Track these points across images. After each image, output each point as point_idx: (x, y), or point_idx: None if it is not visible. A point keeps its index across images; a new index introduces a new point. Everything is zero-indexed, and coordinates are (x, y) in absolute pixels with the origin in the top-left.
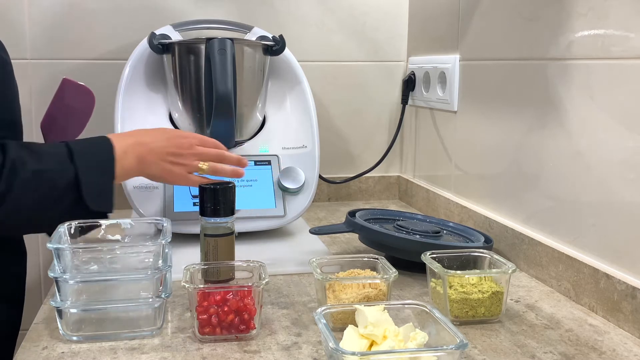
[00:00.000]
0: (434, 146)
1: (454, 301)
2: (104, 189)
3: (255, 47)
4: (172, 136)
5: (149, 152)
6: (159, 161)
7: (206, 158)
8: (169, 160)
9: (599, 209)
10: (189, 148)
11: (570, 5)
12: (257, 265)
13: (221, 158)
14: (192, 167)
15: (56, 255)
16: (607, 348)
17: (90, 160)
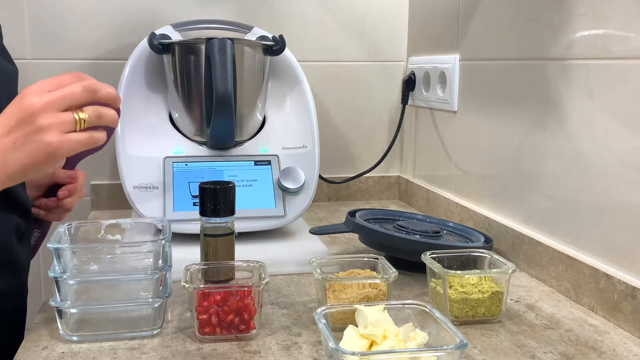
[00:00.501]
0: (434, 146)
1: (454, 301)
2: None
3: (255, 47)
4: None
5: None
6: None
7: (72, 102)
8: (23, 138)
9: (599, 209)
10: (40, 105)
11: (570, 5)
12: (257, 265)
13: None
14: (62, 126)
15: (56, 255)
16: (607, 348)
17: None
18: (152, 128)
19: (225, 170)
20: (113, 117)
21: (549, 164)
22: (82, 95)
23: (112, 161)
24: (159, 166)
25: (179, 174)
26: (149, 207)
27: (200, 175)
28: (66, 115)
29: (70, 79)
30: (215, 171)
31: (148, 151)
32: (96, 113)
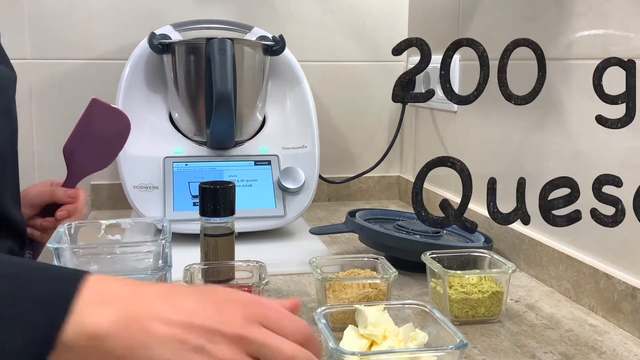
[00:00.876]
0: (434, 146)
1: (454, 301)
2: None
3: (255, 47)
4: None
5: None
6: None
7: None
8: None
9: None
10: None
11: (570, 5)
12: (257, 265)
13: None
14: None
15: (56, 255)
16: (607, 348)
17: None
18: (152, 128)
19: (225, 170)
20: None
21: (549, 164)
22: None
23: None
24: (159, 166)
25: (179, 174)
26: (149, 207)
27: (200, 175)
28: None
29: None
30: (215, 171)
31: (148, 151)
32: None
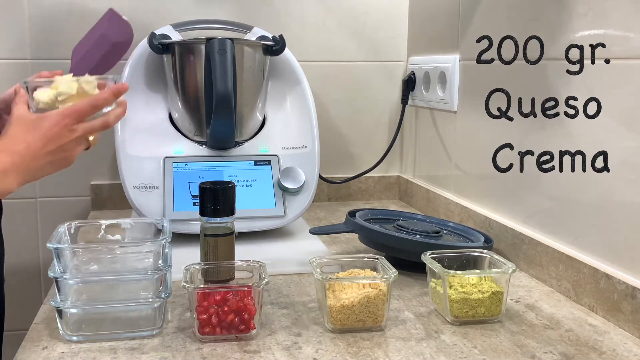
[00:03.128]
0: (434, 146)
1: (454, 301)
2: None
3: (255, 47)
4: (44, 130)
5: (23, 162)
6: (40, 166)
7: (92, 132)
8: (49, 157)
9: (599, 209)
10: (70, 134)
11: (570, 5)
12: (257, 265)
13: (104, 120)
14: (78, 151)
15: (56, 255)
16: (607, 348)
17: None
18: (152, 128)
19: (225, 170)
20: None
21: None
22: (98, 128)
23: (112, 161)
24: (159, 166)
25: (179, 174)
26: (149, 207)
27: (200, 175)
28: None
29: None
30: (215, 171)
31: (148, 151)
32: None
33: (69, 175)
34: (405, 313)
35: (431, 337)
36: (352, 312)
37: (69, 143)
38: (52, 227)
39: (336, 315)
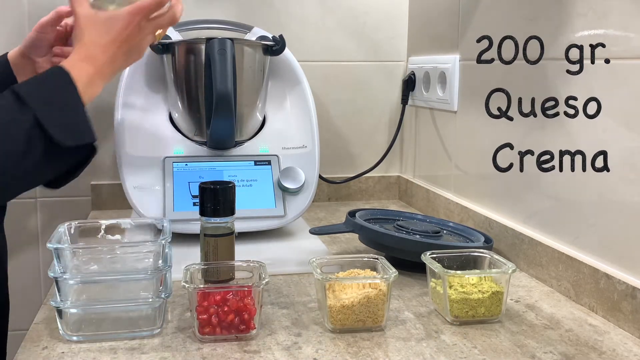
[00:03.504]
0: (434, 146)
1: (454, 301)
2: (76, 120)
3: (255, 47)
4: (117, 32)
5: (103, 66)
6: (118, 66)
7: (160, 28)
8: (124, 57)
9: (599, 209)
10: (140, 33)
11: (570, 5)
12: (257, 265)
13: (171, 16)
14: (147, 45)
15: (56, 255)
16: (607, 348)
17: (45, 95)
18: (152, 128)
19: (225, 170)
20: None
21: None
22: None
23: (112, 161)
24: (159, 166)
25: (179, 174)
26: (149, 207)
27: (200, 175)
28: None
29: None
30: (215, 171)
31: (148, 151)
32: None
33: None
34: (405, 313)
35: (431, 337)
36: (352, 312)
37: (139, 41)
38: (52, 227)
39: (336, 315)
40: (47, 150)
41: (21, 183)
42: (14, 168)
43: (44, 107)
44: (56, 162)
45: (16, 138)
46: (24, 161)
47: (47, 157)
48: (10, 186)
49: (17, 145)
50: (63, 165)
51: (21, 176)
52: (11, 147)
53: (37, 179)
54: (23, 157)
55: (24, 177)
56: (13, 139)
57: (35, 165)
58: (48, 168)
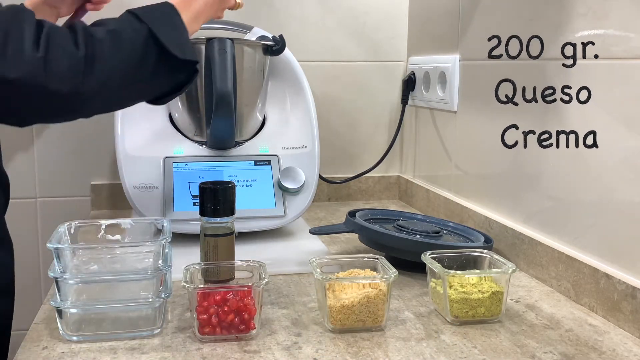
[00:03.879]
0: (434, 146)
1: (454, 301)
2: (182, 38)
3: (255, 47)
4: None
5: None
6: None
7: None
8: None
9: (599, 209)
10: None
11: (570, 5)
12: (257, 265)
13: None
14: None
15: (56, 255)
16: (607, 348)
17: (156, 16)
18: (152, 128)
19: (225, 170)
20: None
21: (549, 164)
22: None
23: (112, 161)
24: (159, 166)
25: (179, 174)
26: (149, 207)
27: (200, 175)
28: None
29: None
30: (215, 171)
31: (148, 151)
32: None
33: (69, 175)
34: (405, 313)
35: (431, 337)
36: (352, 312)
37: None
38: (52, 227)
39: (336, 315)
40: (160, 60)
41: (136, 91)
42: (132, 75)
43: (156, 23)
44: (166, 73)
45: (135, 46)
46: (141, 69)
47: (159, 67)
48: (127, 91)
49: (135, 52)
50: (171, 79)
51: (137, 83)
52: (131, 55)
53: (149, 88)
54: (140, 65)
55: (139, 84)
56: (132, 46)
57: (149, 73)
58: (159, 78)
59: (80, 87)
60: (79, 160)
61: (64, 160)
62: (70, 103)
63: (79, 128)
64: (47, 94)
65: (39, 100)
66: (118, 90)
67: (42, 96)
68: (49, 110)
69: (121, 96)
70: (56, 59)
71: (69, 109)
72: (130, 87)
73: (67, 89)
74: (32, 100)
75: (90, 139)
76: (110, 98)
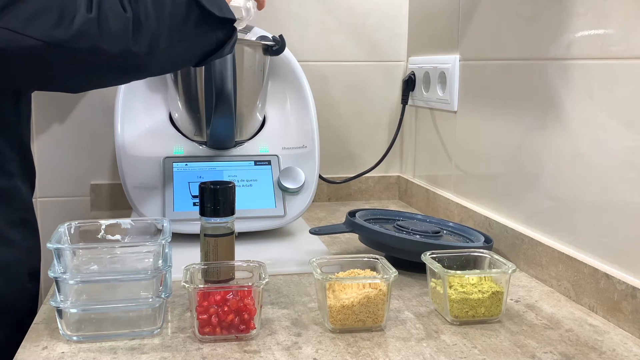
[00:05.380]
0: (434, 146)
1: (454, 301)
2: (220, 1)
3: (255, 47)
4: None
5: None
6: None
7: None
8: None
9: (599, 209)
10: None
11: (570, 5)
12: (257, 265)
13: None
14: None
15: (56, 255)
16: (607, 348)
17: None
18: (152, 128)
19: (225, 170)
20: None
21: (549, 164)
22: None
23: (112, 161)
24: (159, 166)
25: (179, 174)
26: (149, 207)
27: (200, 175)
28: None
29: None
30: (215, 171)
31: (148, 151)
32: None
33: (69, 175)
34: (405, 313)
35: (431, 337)
36: (352, 312)
37: None
38: (52, 227)
39: (336, 315)
40: (201, 18)
41: (183, 49)
42: (176, 33)
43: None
44: (207, 31)
45: (177, 7)
46: (184, 28)
47: (201, 26)
48: (175, 50)
49: (177, 13)
50: (213, 36)
51: (183, 41)
52: (173, 15)
53: (194, 46)
54: (183, 24)
55: (184, 42)
56: (174, 7)
57: (192, 32)
58: (200, 38)
59: (132, 47)
60: (79, 160)
61: (64, 160)
62: (124, 62)
63: (79, 128)
64: (101, 53)
65: (93, 60)
66: (166, 49)
67: (97, 55)
68: (105, 70)
69: (170, 54)
70: (107, 19)
71: (123, 69)
72: (177, 46)
73: (119, 48)
74: (87, 60)
75: (90, 139)
76: (160, 57)
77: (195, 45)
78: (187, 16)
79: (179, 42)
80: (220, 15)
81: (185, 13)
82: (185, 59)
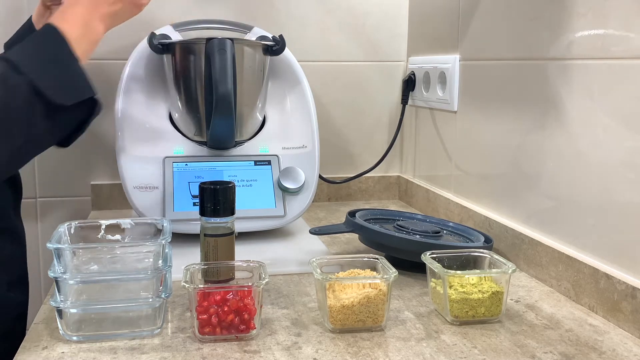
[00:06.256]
0: (434, 146)
1: (454, 301)
2: (70, 77)
3: (255, 47)
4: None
5: (90, 12)
6: (104, 16)
7: None
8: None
9: (599, 209)
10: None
11: (570, 5)
12: (257, 265)
13: None
14: None
15: (56, 255)
16: (607, 348)
17: (37, 56)
18: (152, 128)
19: (225, 170)
20: None
21: (549, 164)
22: None
23: (112, 161)
24: (159, 166)
25: (179, 174)
26: (149, 207)
27: (200, 175)
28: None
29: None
30: (215, 171)
31: (148, 151)
32: None
33: (69, 175)
34: (405, 313)
35: (431, 337)
36: (352, 312)
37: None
38: (52, 227)
39: (336, 315)
40: (49, 113)
41: (32, 148)
42: (23, 135)
43: (37, 71)
44: (60, 122)
45: (19, 107)
46: (31, 128)
47: (51, 120)
48: (23, 153)
49: (20, 113)
50: (69, 124)
51: (31, 141)
52: (16, 116)
53: (46, 141)
54: (29, 124)
55: (34, 142)
56: (16, 108)
57: (41, 129)
58: (54, 129)
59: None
60: (79, 160)
61: (64, 160)
62: None
63: None
64: None
65: None
66: (12, 153)
67: None
68: None
69: (19, 154)
70: None
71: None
72: (26, 144)
73: None
74: None
75: (90, 139)
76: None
77: (50, 137)
78: (32, 117)
79: (28, 142)
80: (73, 102)
81: (28, 115)
82: (40, 149)
